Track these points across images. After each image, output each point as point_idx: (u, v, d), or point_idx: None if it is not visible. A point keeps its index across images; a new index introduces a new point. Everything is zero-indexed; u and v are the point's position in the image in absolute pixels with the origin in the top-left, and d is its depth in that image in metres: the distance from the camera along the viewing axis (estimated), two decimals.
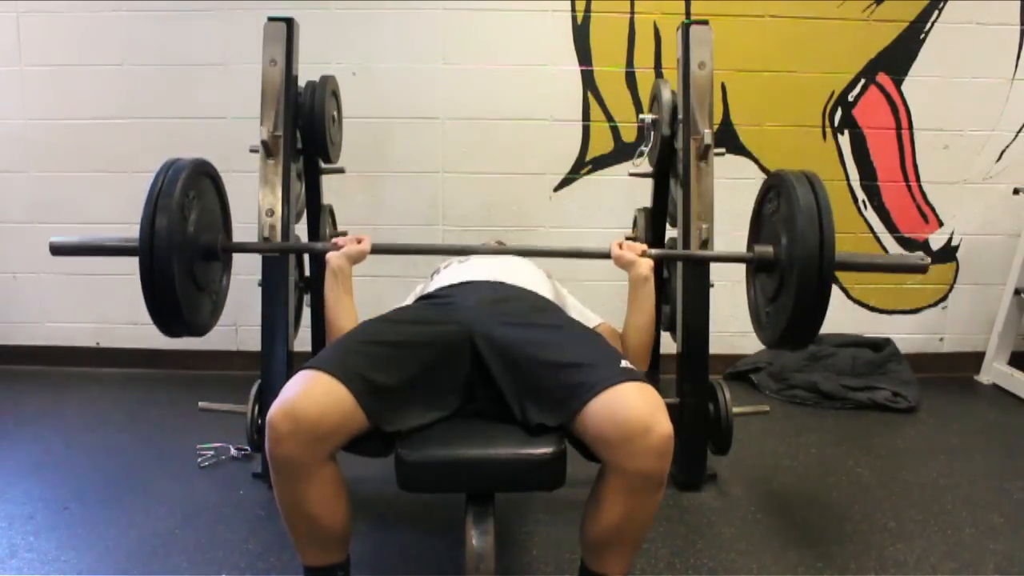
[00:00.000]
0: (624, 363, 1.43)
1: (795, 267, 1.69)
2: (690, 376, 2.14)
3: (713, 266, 2.14)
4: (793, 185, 1.73)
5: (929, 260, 1.84)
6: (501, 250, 2.16)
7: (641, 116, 2.29)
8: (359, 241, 1.92)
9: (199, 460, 2.30)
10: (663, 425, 1.29)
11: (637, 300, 1.86)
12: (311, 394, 1.34)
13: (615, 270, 1.95)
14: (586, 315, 1.99)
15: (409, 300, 1.94)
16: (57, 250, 1.80)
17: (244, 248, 1.99)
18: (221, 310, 1.95)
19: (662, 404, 1.33)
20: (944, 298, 3.28)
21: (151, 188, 1.64)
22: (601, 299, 2.29)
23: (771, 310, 1.88)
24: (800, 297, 1.68)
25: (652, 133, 2.26)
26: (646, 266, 1.86)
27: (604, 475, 1.37)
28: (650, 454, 1.28)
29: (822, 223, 1.67)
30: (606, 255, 1.93)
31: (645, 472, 1.30)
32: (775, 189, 1.86)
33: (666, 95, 2.23)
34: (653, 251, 1.94)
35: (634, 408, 1.30)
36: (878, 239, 3.20)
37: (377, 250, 1.95)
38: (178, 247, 1.63)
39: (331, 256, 1.87)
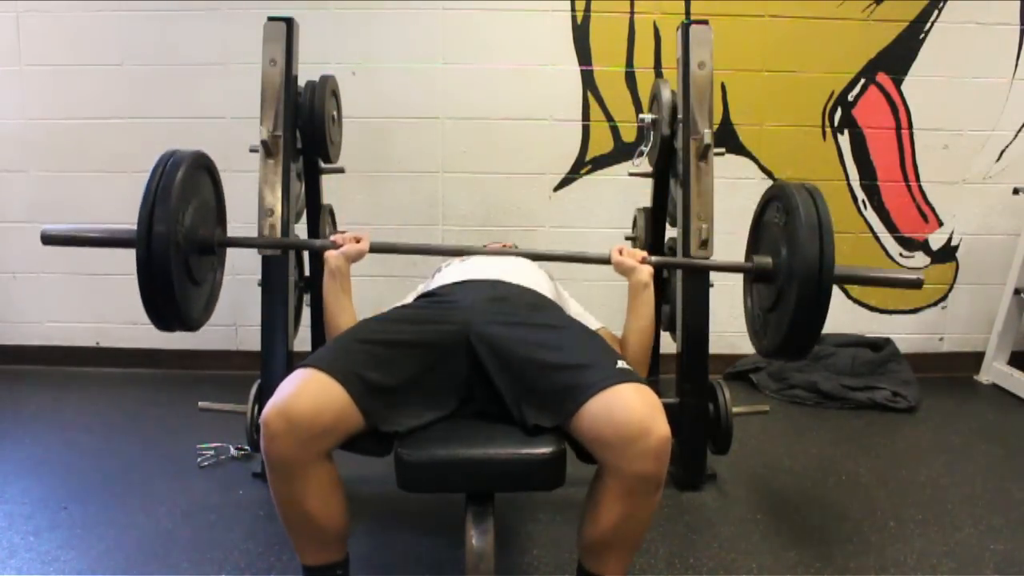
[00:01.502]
0: (621, 363, 1.42)
1: (794, 280, 1.70)
2: (690, 376, 2.14)
3: None
4: (795, 197, 1.74)
5: (923, 277, 1.87)
6: (501, 252, 2.15)
7: (641, 116, 2.29)
8: (358, 240, 1.93)
9: (199, 460, 2.30)
10: (661, 427, 1.28)
11: (637, 306, 1.87)
12: (305, 393, 1.33)
13: (612, 272, 1.96)
14: (587, 319, 1.98)
15: (409, 299, 1.94)
16: (49, 239, 1.78)
17: (240, 243, 1.99)
18: (214, 305, 1.95)
19: (660, 406, 1.32)
20: (944, 298, 3.27)
21: (149, 181, 1.63)
22: (598, 300, 2.29)
23: (768, 320, 1.88)
24: (798, 309, 1.69)
25: (652, 133, 2.26)
26: (646, 273, 1.87)
27: (601, 477, 1.36)
28: (648, 457, 1.27)
29: (822, 237, 1.68)
30: (606, 260, 1.94)
31: (643, 474, 1.29)
32: (777, 200, 1.86)
33: (666, 95, 2.23)
34: (653, 258, 1.95)
35: (632, 410, 1.29)
36: (878, 239, 3.20)
37: (376, 249, 1.95)
38: (175, 241, 1.63)
39: (329, 255, 1.88)
